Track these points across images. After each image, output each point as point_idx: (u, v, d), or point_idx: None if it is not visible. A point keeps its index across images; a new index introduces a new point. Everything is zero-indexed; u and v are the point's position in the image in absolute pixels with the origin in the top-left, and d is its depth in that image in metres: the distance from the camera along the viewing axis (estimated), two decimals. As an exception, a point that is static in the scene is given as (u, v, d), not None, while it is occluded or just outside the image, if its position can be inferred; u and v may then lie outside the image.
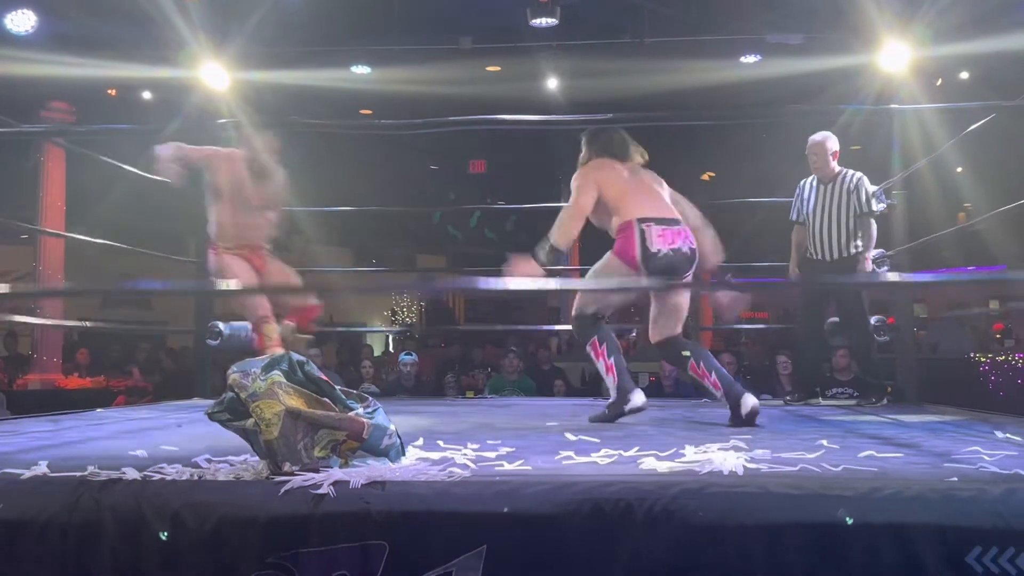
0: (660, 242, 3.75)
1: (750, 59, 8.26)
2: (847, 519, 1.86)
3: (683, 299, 3.93)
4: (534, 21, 7.07)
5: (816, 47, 7.51)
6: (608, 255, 3.88)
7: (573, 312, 3.98)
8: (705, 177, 12.27)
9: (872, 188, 5.00)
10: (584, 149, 4.11)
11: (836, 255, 4.98)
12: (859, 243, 4.97)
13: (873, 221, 4.95)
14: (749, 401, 3.61)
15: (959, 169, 9.52)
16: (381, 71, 8.27)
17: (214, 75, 5.68)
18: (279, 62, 7.48)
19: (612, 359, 3.85)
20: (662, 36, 7.90)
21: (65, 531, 1.96)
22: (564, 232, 3.83)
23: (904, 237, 5.16)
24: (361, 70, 8.38)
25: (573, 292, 4.23)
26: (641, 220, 3.78)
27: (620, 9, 8.09)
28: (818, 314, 5.13)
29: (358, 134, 10.65)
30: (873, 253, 5.06)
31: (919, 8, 5.35)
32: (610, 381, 3.84)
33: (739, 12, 7.81)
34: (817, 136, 5.10)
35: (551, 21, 7.05)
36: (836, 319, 5.23)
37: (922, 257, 6.71)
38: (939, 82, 8.12)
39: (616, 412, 3.77)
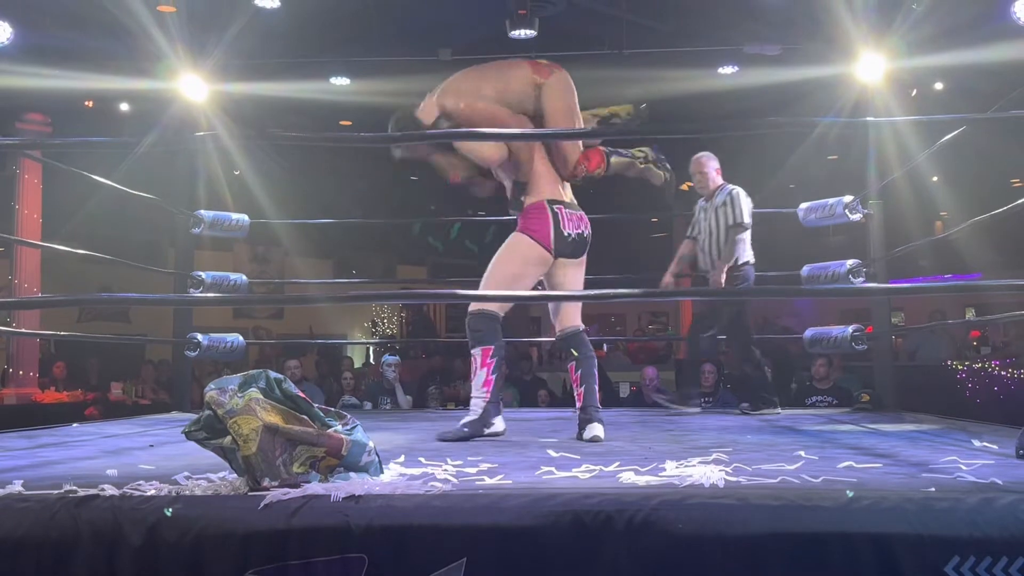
0: (570, 225, 3.75)
1: (727, 70, 8.31)
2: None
3: (580, 285, 3.89)
4: (513, 33, 7.08)
5: (793, 58, 7.56)
6: (517, 236, 3.72)
7: (475, 309, 3.71)
8: (685, 187, 12.30)
9: (747, 203, 5.12)
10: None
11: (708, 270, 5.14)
12: (739, 256, 5.07)
13: (742, 237, 5.03)
14: (594, 430, 3.61)
15: (934, 179, 9.61)
16: (360, 83, 8.25)
17: (192, 87, 5.66)
18: (258, 74, 7.45)
19: (495, 375, 3.66)
20: (640, 47, 7.94)
21: (41, 546, 1.94)
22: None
23: (881, 247, 5.19)
24: (340, 81, 8.36)
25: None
26: (552, 201, 3.74)
27: (598, 21, 8.12)
28: (702, 328, 5.27)
29: (338, 146, 10.62)
30: (853, 263, 5.06)
31: (893, 20, 5.40)
32: (481, 397, 3.62)
33: (717, 23, 7.86)
34: (697, 155, 5.31)
35: (530, 33, 7.06)
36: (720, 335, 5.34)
37: (899, 267, 6.77)
38: (914, 93, 8.19)
39: (475, 431, 3.58)
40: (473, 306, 3.73)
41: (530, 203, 3.77)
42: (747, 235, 5.11)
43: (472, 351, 3.69)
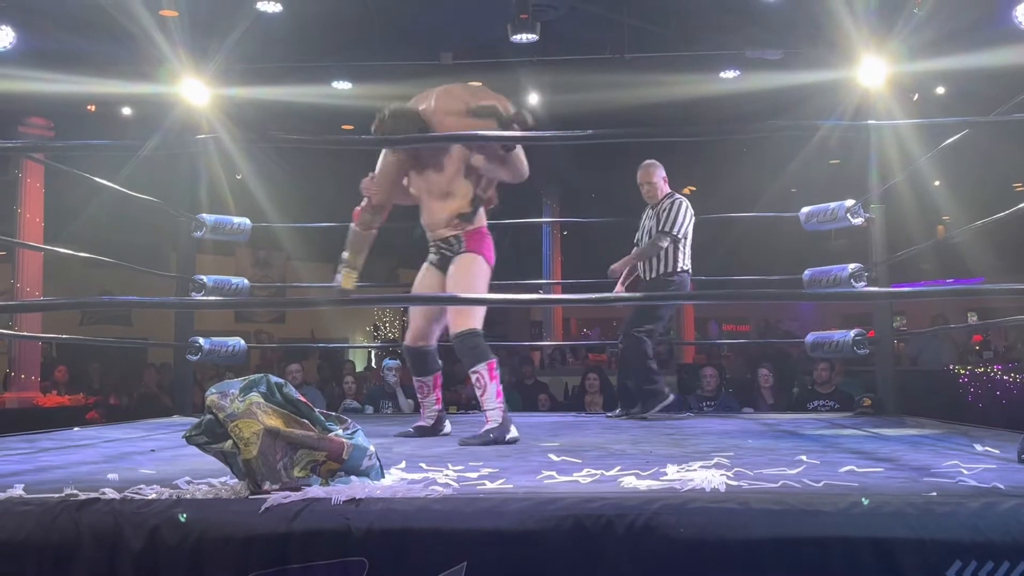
0: None
1: (729, 74, 8.32)
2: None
3: None
4: (515, 37, 7.09)
5: (794, 62, 7.58)
6: (478, 258, 3.81)
7: (467, 328, 3.68)
8: (686, 191, 12.31)
9: (686, 214, 5.05)
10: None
11: (649, 275, 5.08)
12: (670, 264, 5.00)
13: (664, 243, 4.97)
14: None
15: (936, 183, 9.63)
16: (362, 86, 8.27)
17: (194, 91, 5.66)
18: (260, 78, 7.46)
19: (501, 385, 3.71)
20: (642, 52, 7.95)
21: (42, 550, 1.94)
22: None
23: (883, 251, 5.19)
24: (342, 85, 8.38)
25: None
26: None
27: (600, 25, 8.14)
28: (628, 323, 5.19)
29: (339, 149, 10.62)
30: (855, 267, 5.05)
31: (895, 25, 5.40)
32: (498, 408, 3.64)
33: (718, 28, 7.87)
34: (644, 164, 5.24)
35: (531, 37, 7.07)
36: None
37: (901, 271, 6.77)
38: (916, 97, 8.20)
39: (499, 438, 3.58)
40: (461, 327, 3.71)
41: (480, 226, 3.91)
42: (685, 244, 5.05)
43: (477, 368, 3.68)
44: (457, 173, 3.82)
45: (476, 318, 3.73)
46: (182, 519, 1.94)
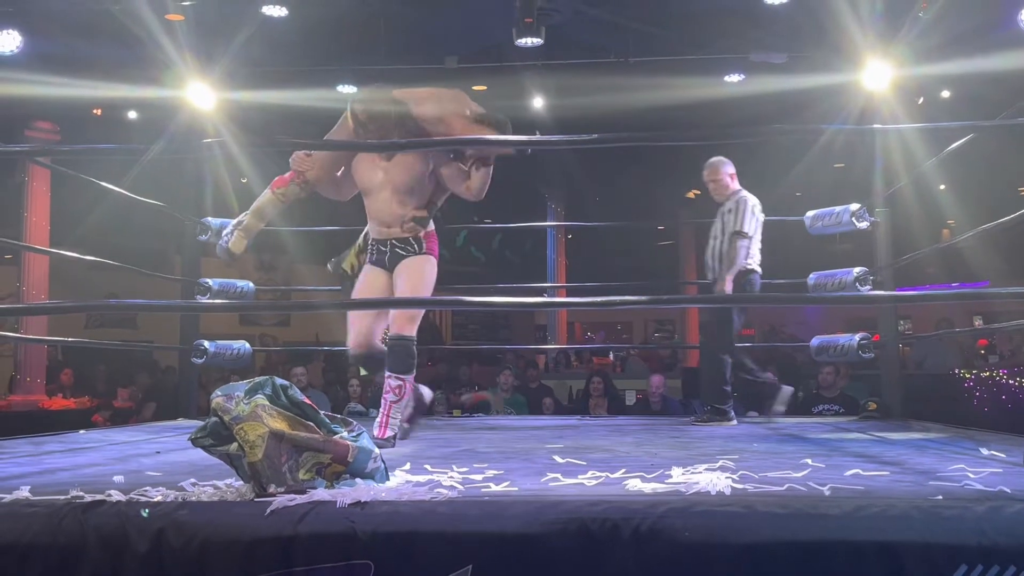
0: None
1: (734, 78, 8.32)
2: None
3: None
4: (519, 41, 7.08)
5: (799, 66, 7.56)
6: (432, 260, 3.86)
7: (411, 333, 3.73)
8: (691, 195, 12.31)
9: (751, 211, 4.99)
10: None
11: (711, 276, 5.03)
12: (742, 263, 4.95)
13: (743, 243, 4.89)
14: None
15: (942, 187, 9.61)
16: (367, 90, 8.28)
17: (200, 95, 5.68)
18: (265, 81, 7.47)
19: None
20: (646, 56, 7.95)
21: (48, 552, 1.94)
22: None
23: (888, 255, 5.18)
24: (347, 89, 8.38)
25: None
26: None
27: (604, 29, 8.14)
28: (710, 336, 5.12)
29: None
30: (860, 270, 5.04)
31: (900, 28, 5.40)
32: (397, 423, 3.81)
33: (723, 31, 7.87)
34: (710, 160, 5.20)
35: (536, 41, 7.07)
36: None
37: (906, 274, 6.75)
38: (920, 100, 8.19)
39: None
40: (406, 331, 3.73)
41: (433, 229, 3.95)
42: (753, 242, 5.02)
43: (405, 377, 3.76)
44: (426, 175, 3.86)
45: (417, 326, 3.80)
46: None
